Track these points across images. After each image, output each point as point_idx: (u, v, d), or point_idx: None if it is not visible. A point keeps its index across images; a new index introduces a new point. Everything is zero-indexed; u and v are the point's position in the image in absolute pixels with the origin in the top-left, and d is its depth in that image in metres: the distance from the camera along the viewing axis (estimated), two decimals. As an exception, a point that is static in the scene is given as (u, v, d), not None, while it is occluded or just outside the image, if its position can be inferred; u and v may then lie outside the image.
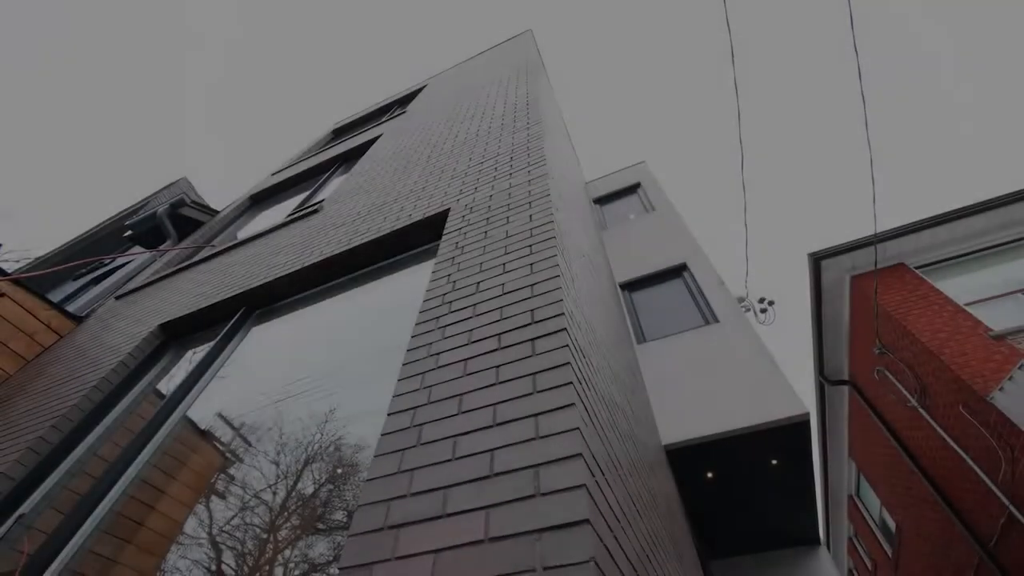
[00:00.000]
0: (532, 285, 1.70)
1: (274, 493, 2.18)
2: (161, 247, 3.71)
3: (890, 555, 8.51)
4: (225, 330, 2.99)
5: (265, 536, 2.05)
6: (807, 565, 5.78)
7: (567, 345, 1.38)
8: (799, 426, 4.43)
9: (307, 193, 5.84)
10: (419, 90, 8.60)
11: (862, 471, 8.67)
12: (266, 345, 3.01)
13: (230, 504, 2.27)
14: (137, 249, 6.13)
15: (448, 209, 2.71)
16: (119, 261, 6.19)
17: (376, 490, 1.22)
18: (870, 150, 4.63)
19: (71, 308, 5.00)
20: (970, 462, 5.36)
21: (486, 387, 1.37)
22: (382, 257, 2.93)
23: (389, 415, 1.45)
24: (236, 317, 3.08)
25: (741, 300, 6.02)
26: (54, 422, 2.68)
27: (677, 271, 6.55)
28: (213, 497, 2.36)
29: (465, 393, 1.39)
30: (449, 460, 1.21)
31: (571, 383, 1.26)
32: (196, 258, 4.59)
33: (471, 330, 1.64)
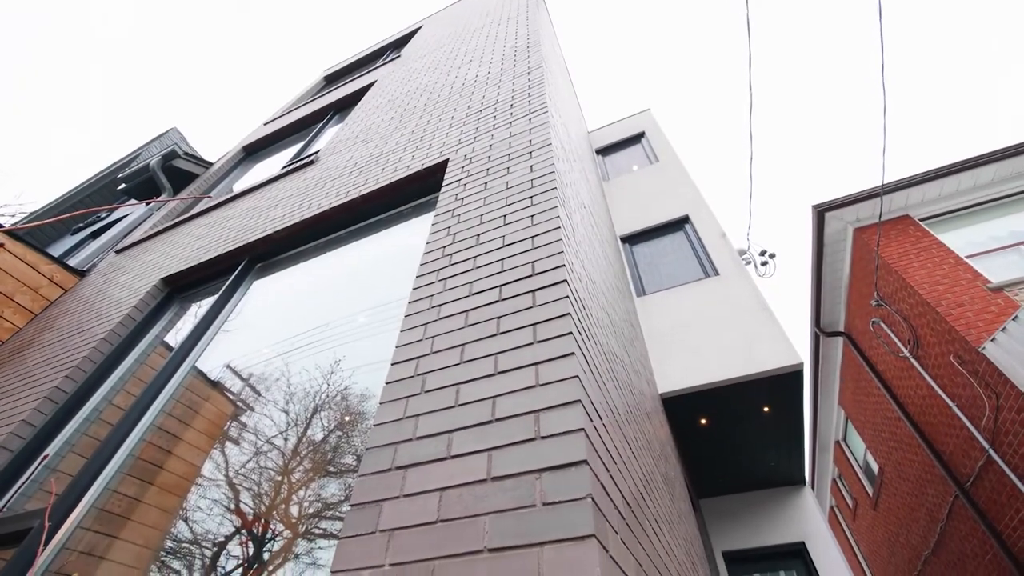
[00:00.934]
0: (533, 237, 1.69)
1: (285, 439, 2.29)
2: (157, 199, 3.67)
3: (871, 494, 8.99)
4: (227, 283, 3.01)
5: (279, 478, 2.17)
6: (792, 504, 6.12)
7: (567, 296, 1.40)
8: (793, 375, 4.55)
9: (302, 143, 5.68)
10: (414, 32, 8.16)
11: (850, 418, 8.99)
12: (269, 298, 3.04)
13: (244, 449, 2.39)
14: (134, 201, 6.05)
15: (447, 160, 2.65)
16: (117, 214, 6.13)
17: (383, 434, 1.28)
18: (884, 97, 4.45)
19: (72, 262, 5.00)
20: (955, 409, 5.55)
21: (487, 337, 1.40)
22: (381, 210, 2.89)
23: (393, 364, 1.49)
24: (237, 271, 3.09)
25: (742, 252, 6.00)
26: (68, 372, 2.75)
27: (679, 224, 6.49)
28: (227, 443, 2.48)
29: (467, 343, 1.42)
30: (452, 407, 1.25)
31: (571, 333, 1.28)
32: (194, 211, 4.53)
33: (472, 282, 1.65)
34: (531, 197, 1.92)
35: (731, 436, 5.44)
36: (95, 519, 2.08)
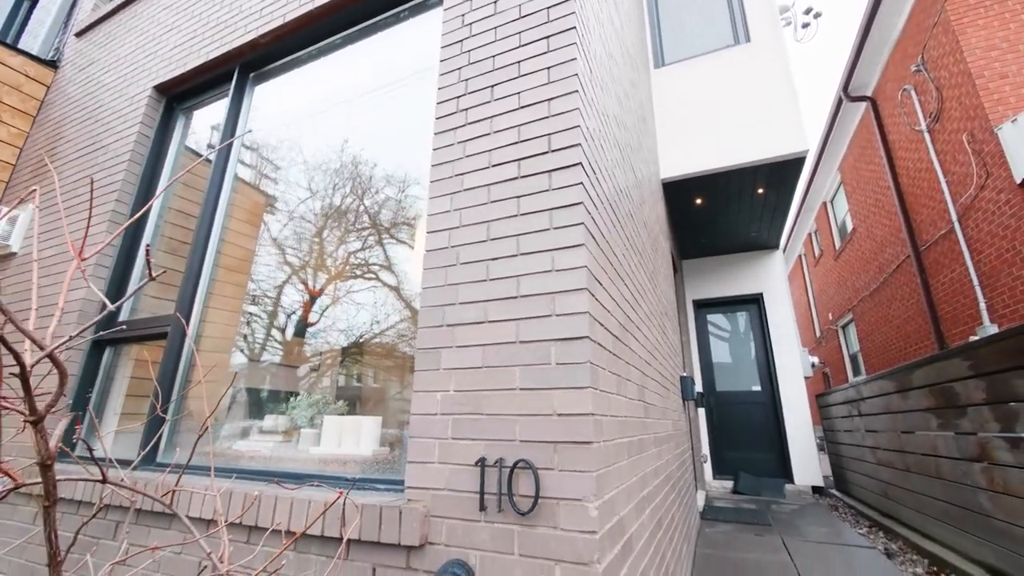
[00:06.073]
0: (549, 101, 1.68)
1: (315, 214, 2.77)
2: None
3: (837, 248, 10.12)
4: (230, 99, 2.91)
5: (316, 240, 2.74)
6: (761, 263, 7.07)
7: (580, 183, 1.54)
8: (795, 162, 4.66)
9: None
10: None
11: (844, 183, 9.31)
12: (273, 106, 2.98)
13: (286, 230, 2.95)
14: None
15: (445, -53, 2.20)
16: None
17: (432, 297, 1.66)
18: None
19: (28, 46, 4.51)
20: (943, 183, 5.81)
21: (509, 217, 1.61)
22: (375, 10, 2.56)
23: (428, 233, 1.75)
24: (234, 84, 2.93)
25: (785, 10, 5.14)
26: (116, 195, 2.99)
27: (719, -35, 5.36)
28: (269, 221, 3.00)
29: (491, 221, 1.64)
30: (484, 280, 1.59)
31: (582, 223, 1.50)
32: (142, -20, 3.83)
33: (491, 151, 1.73)
34: (547, 39, 1.77)
35: (722, 212, 5.88)
36: (206, 304, 2.68)
